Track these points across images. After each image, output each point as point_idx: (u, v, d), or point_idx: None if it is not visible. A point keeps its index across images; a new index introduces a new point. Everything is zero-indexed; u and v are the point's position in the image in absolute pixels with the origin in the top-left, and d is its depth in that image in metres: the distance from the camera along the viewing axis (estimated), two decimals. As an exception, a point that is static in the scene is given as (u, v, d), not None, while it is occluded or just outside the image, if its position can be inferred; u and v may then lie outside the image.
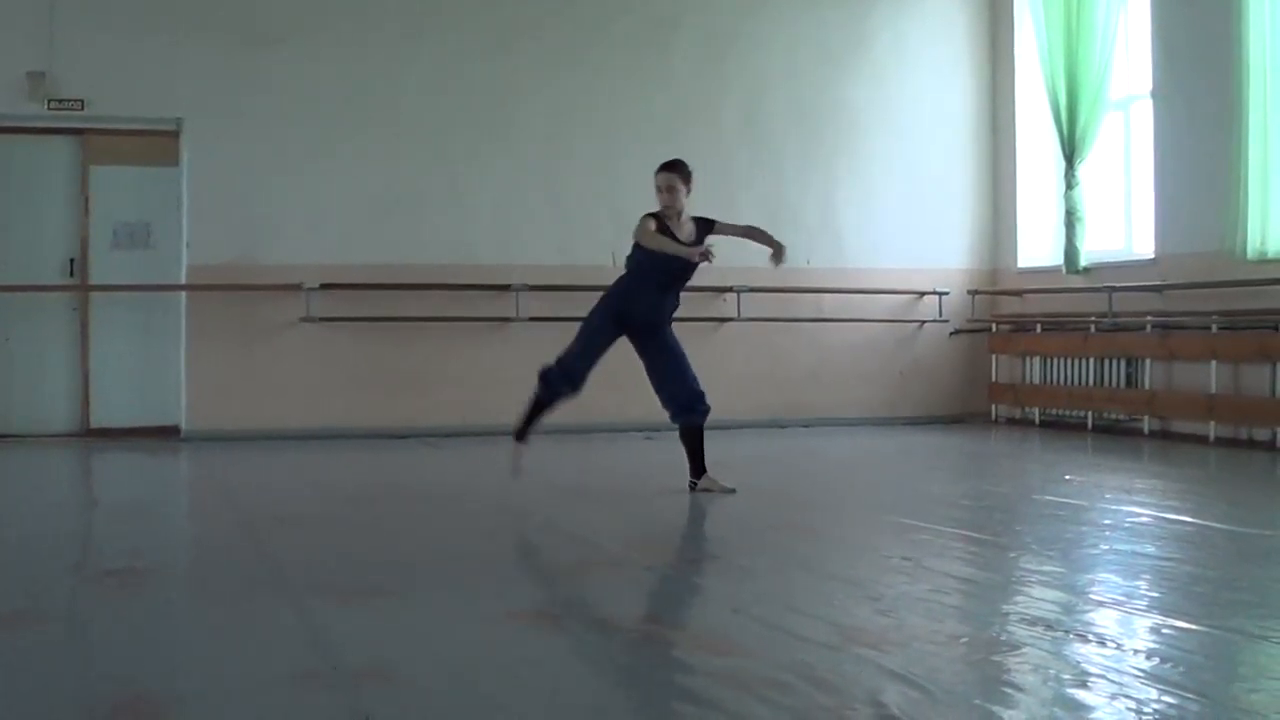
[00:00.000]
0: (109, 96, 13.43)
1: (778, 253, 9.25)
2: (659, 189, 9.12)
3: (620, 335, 9.24)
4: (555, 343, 14.07)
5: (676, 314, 9.34)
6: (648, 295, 9.11)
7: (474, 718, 4.02)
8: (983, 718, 3.92)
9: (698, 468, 9.16)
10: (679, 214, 9.11)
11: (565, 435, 13.45)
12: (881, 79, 15.41)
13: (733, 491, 8.99)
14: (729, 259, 14.66)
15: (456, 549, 7.37)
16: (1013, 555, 6.85)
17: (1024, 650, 4.71)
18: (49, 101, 13.27)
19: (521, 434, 9.22)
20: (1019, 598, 5.78)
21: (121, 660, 4.74)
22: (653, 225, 8.94)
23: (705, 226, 9.24)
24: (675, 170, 9.13)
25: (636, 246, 9.10)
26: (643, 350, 9.31)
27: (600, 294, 9.56)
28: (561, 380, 9.19)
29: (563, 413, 13.95)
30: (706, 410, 9.23)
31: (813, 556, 6.89)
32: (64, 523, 8.42)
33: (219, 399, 13.33)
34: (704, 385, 9.22)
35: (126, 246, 13.76)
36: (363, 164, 13.89)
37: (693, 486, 9.09)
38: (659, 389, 9.25)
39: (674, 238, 8.93)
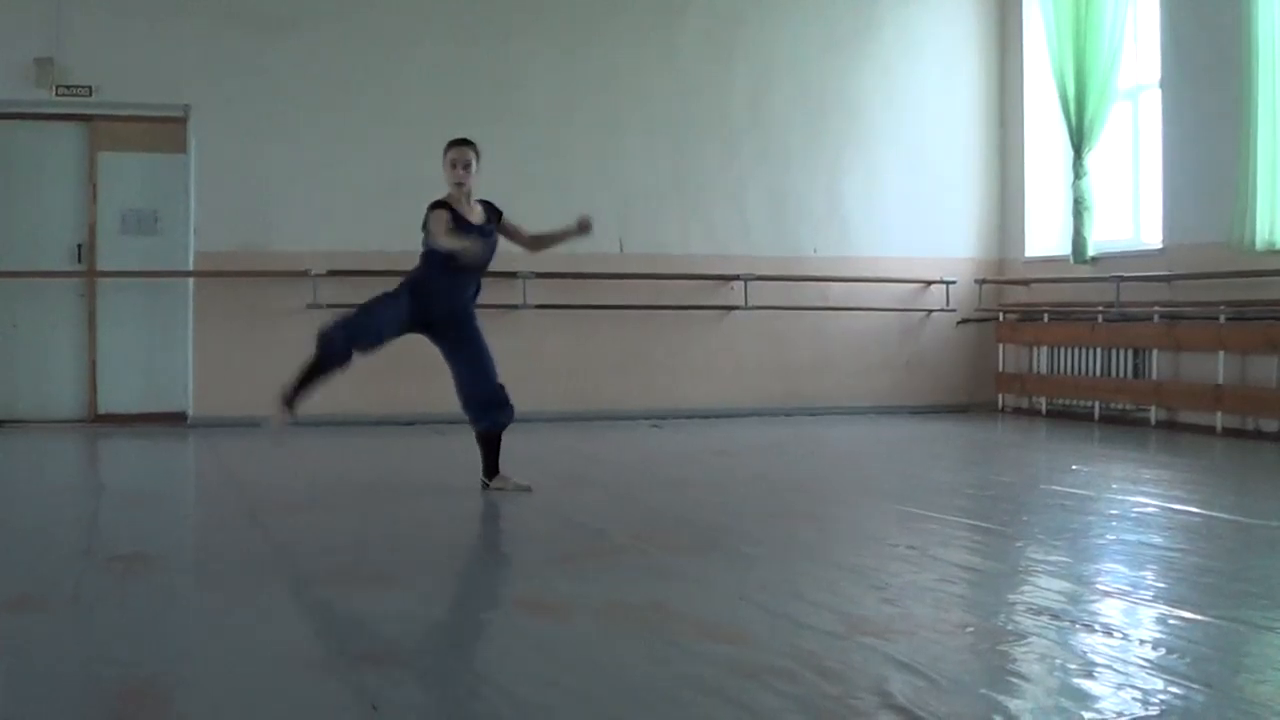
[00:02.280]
0: (117, 83, 13.42)
1: (583, 226, 8.84)
2: (453, 164, 8.48)
3: (415, 325, 8.55)
4: (562, 329, 14.26)
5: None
6: (445, 283, 8.55)
7: (479, 705, 4.02)
8: (989, 707, 3.92)
9: (491, 468, 8.56)
10: (468, 195, 8.54)
11: (570, 422, 13.49)
12: (889, 67, 15.38)
13: (528, 489, 8.46)
14: (734, 247, 14.79)
15: (461, 536, 7.39)
16: (1019, 545, 6.85)
17: (1030, 640, 4.71)
18: (57, 88, 13.26)
19: (290, 400, 8.17)
20: (1025, 587, 5.77)
21: (127, 645, 4.74)
22: (447, 219, 8.34)
23: (493, 212, 8.70)
24: (471, 145, 8.58)
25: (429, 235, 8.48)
26: (443, 344, 8.67)
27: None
28: (348, 343, 8.27)
29: (568, 399, 14.13)
30: (510, 415, 8.54)
31: (818, 545, 6.90)
32: (71, 508, 8.42)
33: (226, 385, 13.32)
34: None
35: (134, 233, 13.76)
36: (369, 150, 13.89)
37: (485, 486, 8.50)
38: (458, 388, 8.58)
39: (466, 222, 8.42)
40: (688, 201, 14.72)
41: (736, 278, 14.63)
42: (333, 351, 8.22)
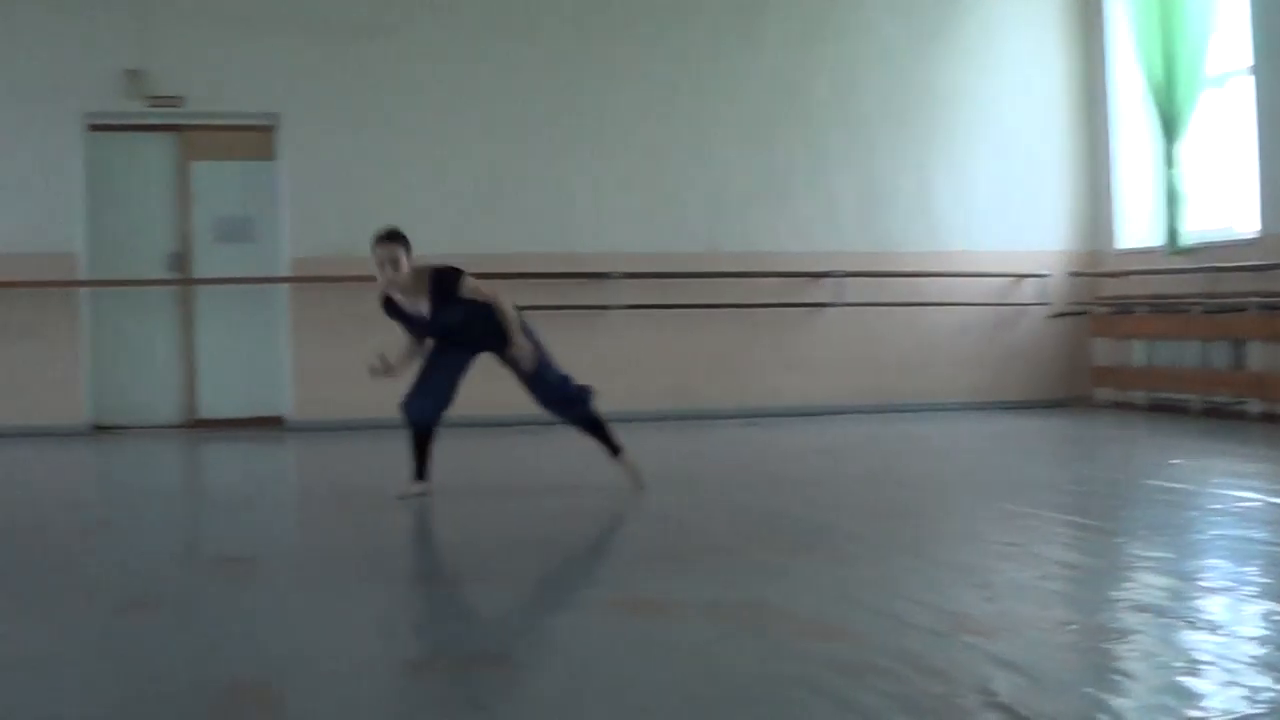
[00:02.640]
0: (206, 92, 13.63)
1: (518, 353, 8.23)
2: (380, 265, 8.08)
3: (464, 359, 8.46)
4: (653, 330, 14.28)
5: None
6: (447, 352, 8.41)
7: (584, 705, 4.04)
8: (1092, 705, 3.90)
9: (611, 449, 8.58)
10: (410, 281, 8.13)
11: (663, 422, 13.51)
12: (974, 59, 15.29)
13: (641, 487, 8.47)
14: (824, 244, 14.76)
15: (562, 535, 7.41)
16: (1119, 541, 6.80)
17: (1133, 637, 4.68)
18: (148, 99, 13.45)
19: (416, 475, 8.36)
20: (1127, 584, 5.73)
21: (234, 647, 4.81)
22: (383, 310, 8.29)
23: (441, 285, 8.18)
24: (395, 241, 8.12)
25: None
26: (500, 360, 8.46)
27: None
28: (411, 418, 8.39)
29: (661, 399, 14.14)
30: (589, 393, 8.51)
31: (919, 542, 6.88)
32: (174, 513, 8.56)
33: (322, 389, 13.46)
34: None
35: (228, 240, 13.94)
36: (459, 152, 13.99)
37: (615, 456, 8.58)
38: (531, 396, 8.58)
39: (404, 315, 8.27)
40: (777, 198, 14.71)
41: (827, 274, 14.60)
42: (411, 425, 8.39)
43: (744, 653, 4.58)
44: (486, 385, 8.86)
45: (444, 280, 8.15)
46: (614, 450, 8.59)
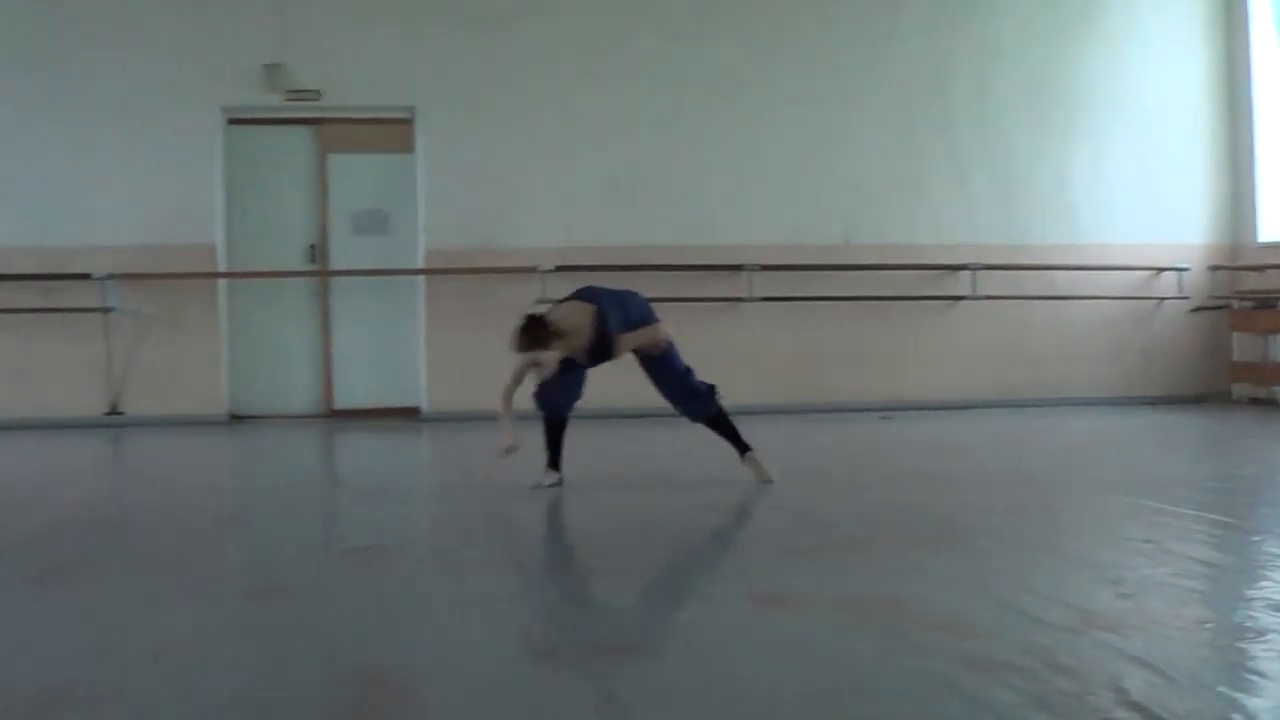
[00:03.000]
0: (343, 86, 13.82)
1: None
2: (523, 366, 8.22)
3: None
4: (788, 322, 14.25)
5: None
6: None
7: (714, 698, 4.05)
8: (1227, 705, 3.85)
9: (739, 446, 8.57)
10: (570, 347, 8.16)
11: (797, 415, 13.50)
12: (1113, 49, 15.11)
13: (771, 481, 8.43)
14: (960, 236, 14.65)
15: (692, 528, 7.43)
16: (1257, 539, 6.71)
17: (1270, 637, 4.60)
18: (286, 92, 13.65)
19: (550, 464, 8.47)
20: (1264, 583, 5.65)
21: (367, 635, 4.87)
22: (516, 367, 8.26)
23: (599, 350, 8.28)
24: (530, 343, 8.10)
25: None
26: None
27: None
28: (544, 411, 8.50)
29: (795, 392, 14.12)
30: (713, 391, 8.50)
31: (1053, 538, 6.82)
32: (309, 501, 8.67)
33: (458, 380, 13.57)
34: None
35: (365, 232, 14.11)
36: (594, 144, 14.06)
37: (744, 456, 8.56)
38: (660, 392, 8.62)
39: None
40: (912, 190, 14.63)
41: (964, 267, 14.50)
42: (544, 416, 8.48)
43: (875, 648, 4.56)
44: (618, 378, 8.89)
45: (603, 345, 8.20)
46: (742, 449, 8.57)
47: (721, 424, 8.58)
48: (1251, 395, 14.78)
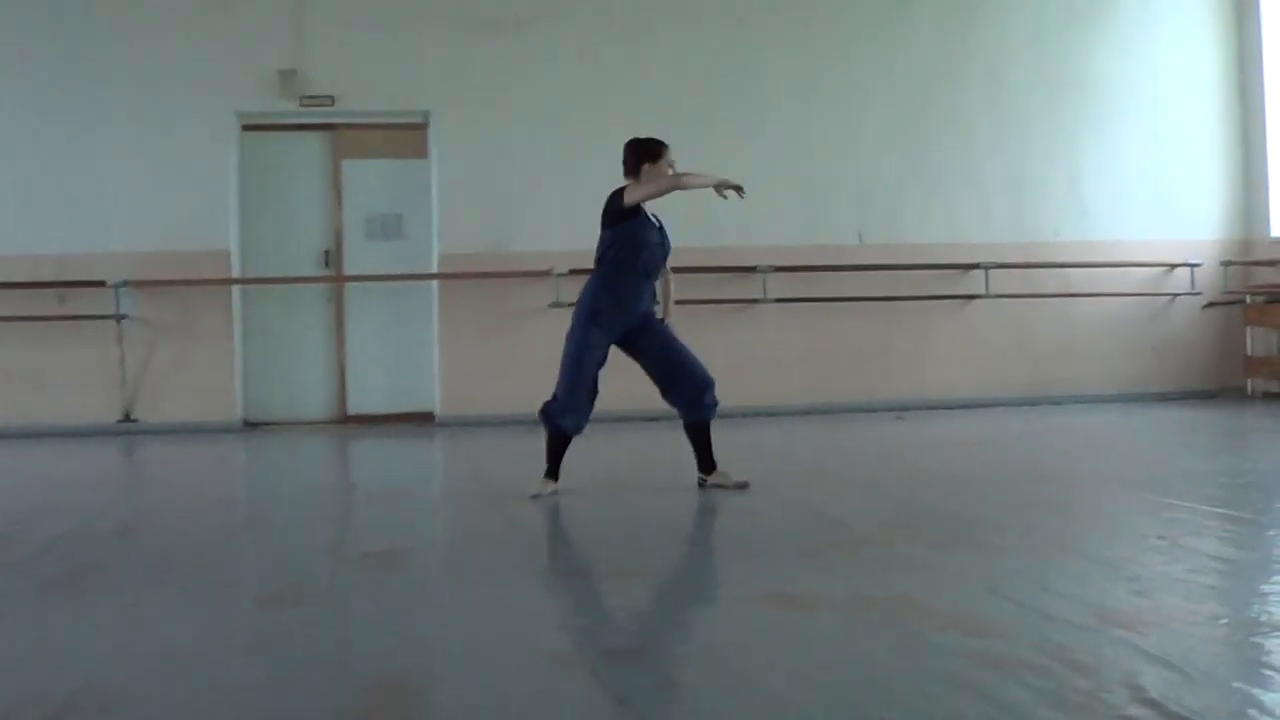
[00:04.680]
0: (357, 92, 13.80)
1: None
2: (671, 164, 8.92)
3: (610, 344, 8.36)
4: (802, 322, 14.24)
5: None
6: (632, 287, 8.43)
7: (726, 699, 4.06)
8: (1243, 701, 3.85)
9: (707, 462, 8.44)
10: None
11: (811, 414, 13.49)
12: (1126, 45, 15.07)
13: (745, 486, 8.33)
14: (974, 234, 14.62)
15: (704, 529, 7.44)
16: (1272, 534, 6.70)
17: (1286, 632, 4.62)
18: (301, 98, 13.67)
19: (549, 475, 8.33)
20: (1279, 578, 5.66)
21: (381, 639, 4.89)
22: (661, 169, 8.84)
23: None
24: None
25: (615, 231, 8.73)
26: (640, 351, 8.46)
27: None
28: (563, 415, 8.28)
29: (809, 392, 14.11)
30: (715, 403, 8.44)
31: (1067, 535, 6.81)
32: (324, 506, 8.68)
33: (472, 385, 13.59)
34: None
35: (379, 237, 14.12)
36: (608, 147, 13.91)
37: (702, 484, 8.39)
38: (668, 389, 8.46)
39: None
40: (926, 188, 14.59)
41: (977, 266, 14.48)
42: (553, 431, 8.35)
43: (887, 647, 4.57)
44: (621, 380, 8.85)
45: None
46: (710, 466, 8.43)
47: (708, 434, 8.49)
48: (1266, 390, 14.75)
